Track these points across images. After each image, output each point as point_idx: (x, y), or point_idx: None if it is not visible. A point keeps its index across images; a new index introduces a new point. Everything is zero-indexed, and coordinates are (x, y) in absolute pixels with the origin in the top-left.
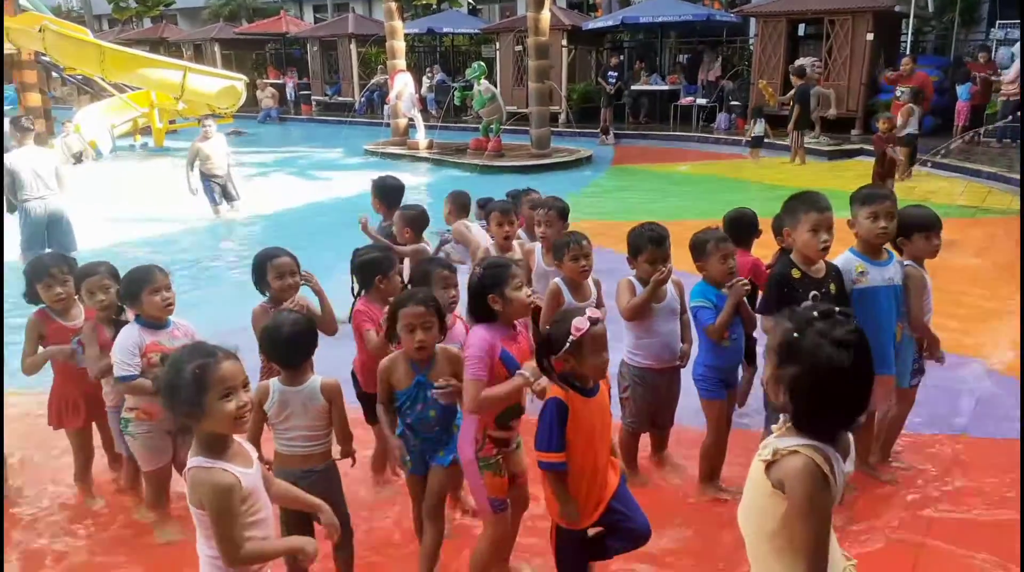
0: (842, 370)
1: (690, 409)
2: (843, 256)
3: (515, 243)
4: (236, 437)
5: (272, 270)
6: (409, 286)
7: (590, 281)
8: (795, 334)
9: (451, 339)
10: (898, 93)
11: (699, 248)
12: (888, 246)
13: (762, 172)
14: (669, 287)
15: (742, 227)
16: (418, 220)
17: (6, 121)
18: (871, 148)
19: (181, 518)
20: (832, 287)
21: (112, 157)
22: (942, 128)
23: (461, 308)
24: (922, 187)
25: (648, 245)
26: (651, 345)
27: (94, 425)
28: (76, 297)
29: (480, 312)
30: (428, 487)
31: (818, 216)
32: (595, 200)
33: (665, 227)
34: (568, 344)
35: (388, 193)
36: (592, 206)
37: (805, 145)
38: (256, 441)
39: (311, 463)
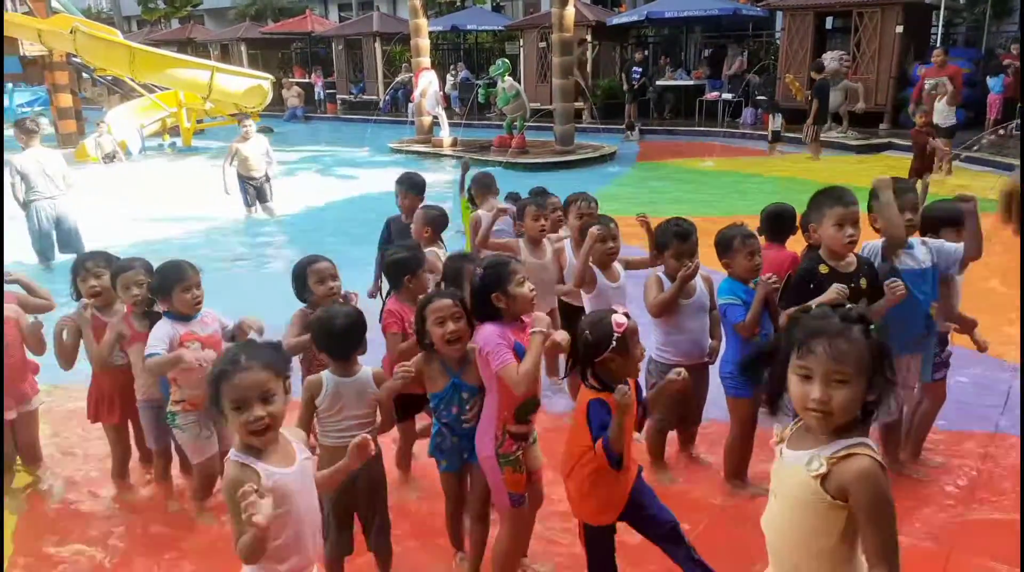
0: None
1: (719, 405)
2: (871, 242)
3: (544, 240)
4: (288, 434)
5: (313, 275)
6: (443, 285)
7: (618, 265)
8: (871, 327)
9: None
10: (927, 86)
11: (725, 245)
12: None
13: (789, 167)
14: (698, 283)
15: (783, 222)
16: (439, 221)
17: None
18: (900, 142)
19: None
20: (863, 281)
21: (141, 157)
22: (974, 122)
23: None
24: (953, 181)
25: (674, 240)
26: (680, 342)
27: (131, 423)
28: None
29: (485, 312)
30: (472, 486)
31: (843, 210)
32: (620, 196)
33: (692, 222)
34: (614, 342)
35: (416, 188)
36: (617, 202)
37: (822, 139)
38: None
39: None
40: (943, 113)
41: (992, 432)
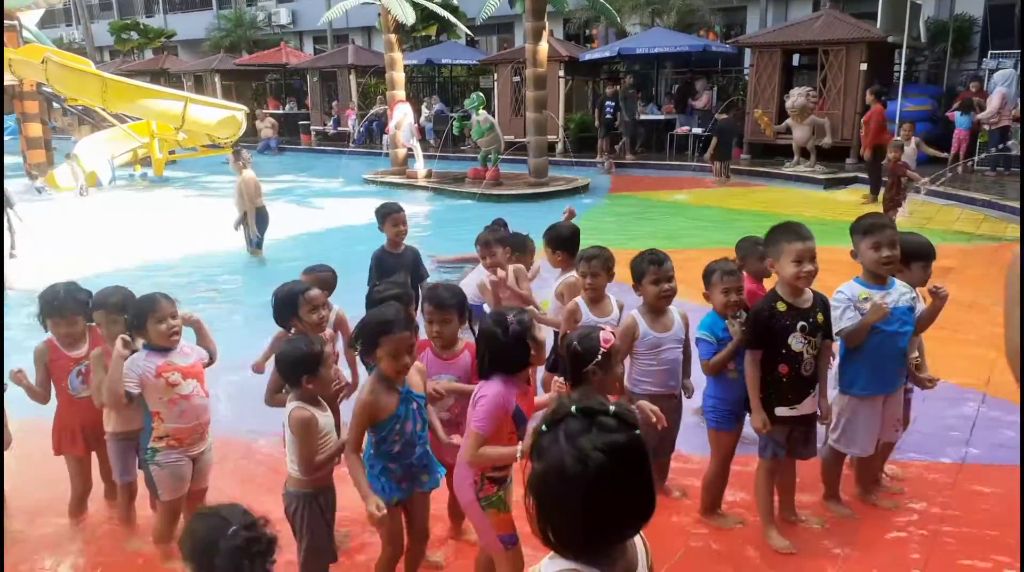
0: (582, 483)
1: (690, 437)
2: (846, 285)
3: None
4: None
5: (306, 303)
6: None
7: (613, 300)
8: (543, 427)
9: (452, 369)
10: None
11: (706, 277)
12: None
13: (758, 201)
14: (676, 317)
15: (756, 255)
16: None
17: None
18: (865, 176)
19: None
20: (819, 317)
21: (112, 187)
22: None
23: (468, 334)
24: (919, 213)
25: (650, 266)
26: (658, 373)
27: (94, 456)
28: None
29: (514, 365)
30: (415, 516)
31: (801, 246)
32: (594, 228)
33: (664, 251)
34: (600, 356)
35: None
36: (590, 234)
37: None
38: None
39: None
40: (909, 156)
41: (959, 462)
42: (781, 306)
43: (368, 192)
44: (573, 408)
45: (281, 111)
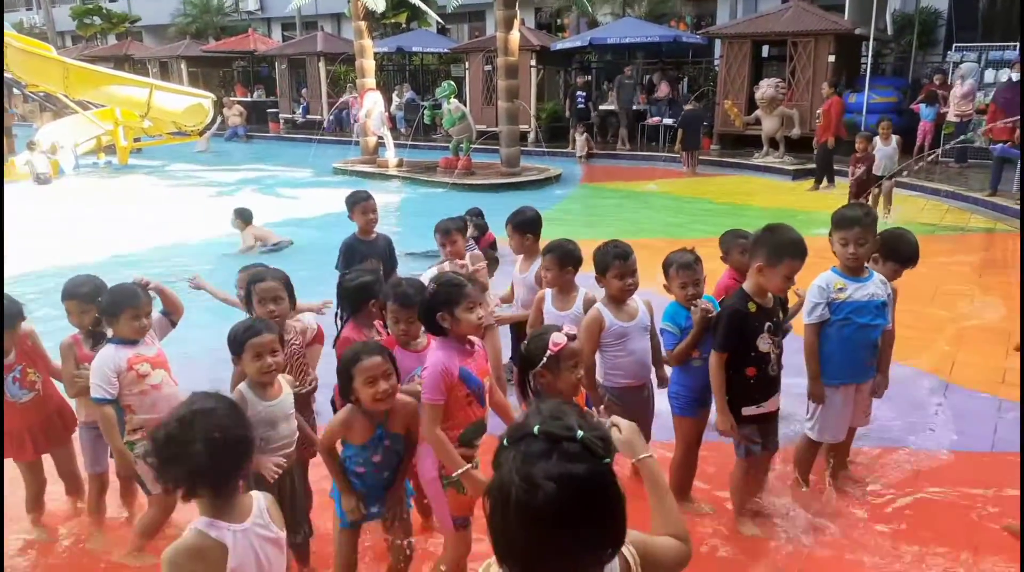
0: (528, 512)
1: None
2: (824, 274)
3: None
4: None
5: (257, 293)
6: None
7: (580, 294)
8: (504, 441)
9: (423, 361)
10: (816, 115)
11: (665, 270)
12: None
13: (727, 192)
14: (640, 305)
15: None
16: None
17: None
18: (834, 167)
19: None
20: (780, 314)
21: (75, 175)
22: (903, 148)
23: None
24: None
25: (614, 261)
26: (627, 364)
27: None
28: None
29: (430, 328)
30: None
31: (800, 264)
32: (566, 219)
33: (627, 243)
34: (545, 359)
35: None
36: (563, 224)
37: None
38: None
39: None
40: (881, 167)
41: (917, 450)
42: (752, 307)
43: (339, 181)
44: (536, 428)
45: (249, 99)
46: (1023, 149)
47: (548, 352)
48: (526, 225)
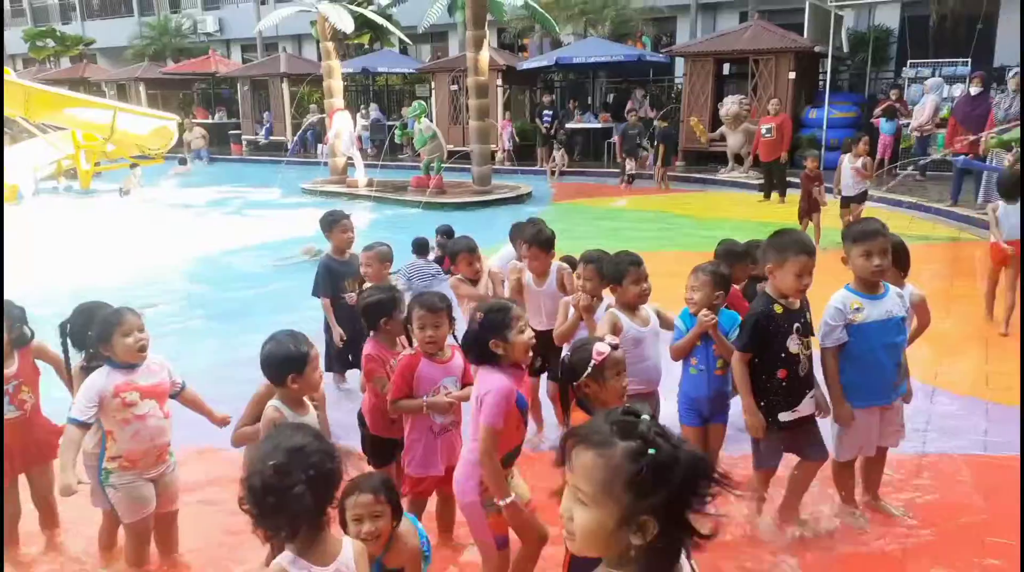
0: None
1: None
2: (839, 294)
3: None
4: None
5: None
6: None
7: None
8: (652, 451)
9: (450, 372)
10: (763, 130)
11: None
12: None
13: (694, 207)
14: (651, 313)
15: (725, 258)
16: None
17: None
18: (796, 181)
19: None
20: (808, 316)
21: (35, 200)
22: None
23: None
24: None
25: (629, 267)
26: (643, 369)
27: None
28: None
29: (481, 357)
30: None
31: (807, 261)
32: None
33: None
34: (590, 368)
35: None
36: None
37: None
38: None
39: None
40: (851, 185)
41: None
42: (778, 309)
43: (308, 202)
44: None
45: (210, 121)
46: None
47: (592, 362)
48: (549, 243)
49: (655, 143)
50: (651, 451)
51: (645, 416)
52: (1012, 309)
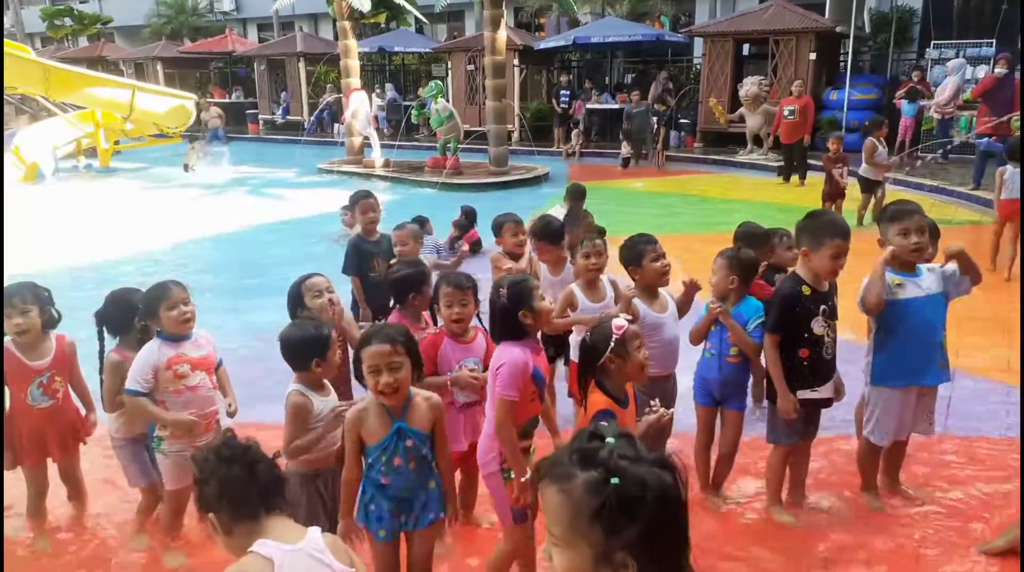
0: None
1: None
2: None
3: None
4: None
5: (308, 290)
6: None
7: (605, 281)
8: (615, 480)
9: (472, 352)
10: (786, 112)
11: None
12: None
13: (711, 188)
14: (668, 298)
15: (744, 241)
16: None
17: None
18: (816, 163)
19: (189, 544)
20: (834, 300)
21: (55, 179)
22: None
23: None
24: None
25: (646, 246)
26: (659, 355)
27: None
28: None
29: (512, 331)
30: (414, 555)
31: (843, 244)
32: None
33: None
34: (613, 344)
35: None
36: None
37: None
38: None
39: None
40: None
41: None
42: (806, 290)
43: (325, 182)
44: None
45: (227, 100)
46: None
47: (614, 337)
48: (559, 235)
49: (657, 127)
50: (614, 480)
51: (611, 438)
52: (1014, 259)
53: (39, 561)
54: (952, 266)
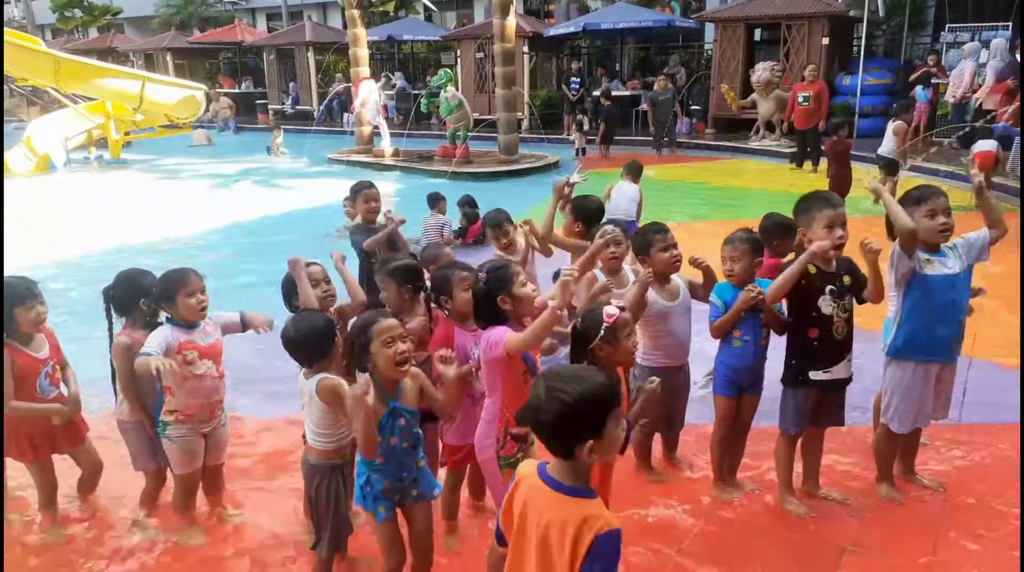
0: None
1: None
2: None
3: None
4: None
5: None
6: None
7: (627, 270)
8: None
9: (479, 340)
10: (800, 98)
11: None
12: None
13: (721, 175)
14: (681, 285)
15: (774, 231)
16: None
17: None
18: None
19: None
20: (846, 279)
21: (67, 170)
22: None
23: None
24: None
25: (656, 235)
26: (668, 345)
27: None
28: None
29: (491, 316)
30: (415, 531)
31: (832, 213)
32: None
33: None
34: (603, 331)
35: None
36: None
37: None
38: None
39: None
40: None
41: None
42: (811, 269)
43: (334, 172)
44: None
45: (237, 90)
46: (1023, 128)
47: (604, 325)
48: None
49: (598, 120)
50: None
51: None
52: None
53: (51, 551)
54: (975, 234)
